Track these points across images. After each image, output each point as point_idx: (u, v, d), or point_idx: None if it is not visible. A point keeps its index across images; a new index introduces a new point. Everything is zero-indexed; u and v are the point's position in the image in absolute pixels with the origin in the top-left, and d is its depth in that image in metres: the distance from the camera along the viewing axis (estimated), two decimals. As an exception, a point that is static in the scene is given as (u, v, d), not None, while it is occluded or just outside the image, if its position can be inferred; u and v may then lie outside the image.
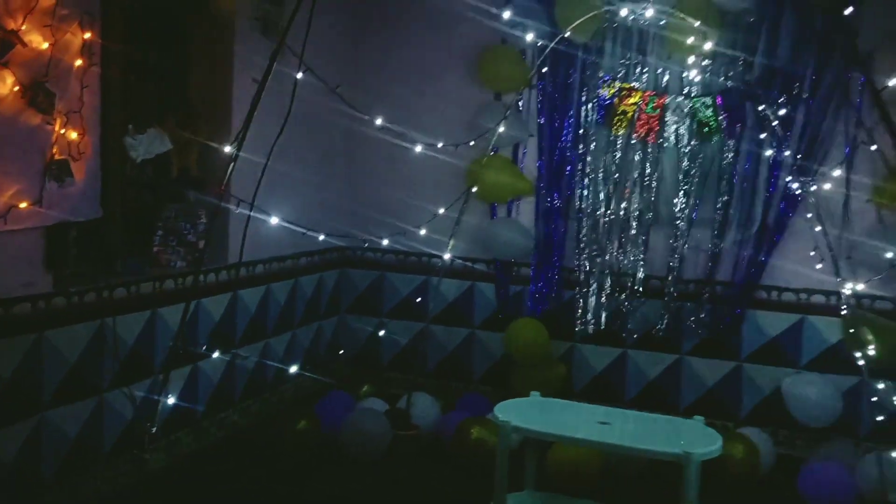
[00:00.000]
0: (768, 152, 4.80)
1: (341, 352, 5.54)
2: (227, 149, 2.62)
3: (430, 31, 5.52)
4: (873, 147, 4.55)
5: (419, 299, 5.48)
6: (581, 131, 5.21)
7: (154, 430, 3.19)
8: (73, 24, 3.38)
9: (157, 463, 4.07)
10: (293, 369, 4.46)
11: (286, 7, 4.83)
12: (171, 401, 3.34)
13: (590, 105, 5.18)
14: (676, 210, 5.05)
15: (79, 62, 3.44)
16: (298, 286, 5.37)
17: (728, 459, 4.34)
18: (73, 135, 3.44)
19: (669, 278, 5.10)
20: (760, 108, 4.67)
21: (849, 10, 4.35)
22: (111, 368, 3.74)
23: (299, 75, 2.78)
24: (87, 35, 3.44)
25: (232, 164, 2.62)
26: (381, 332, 4.98)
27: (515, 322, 5.23)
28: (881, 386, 4.21)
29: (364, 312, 5.85)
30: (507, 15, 4.59)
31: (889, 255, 4.44)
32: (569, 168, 5.26)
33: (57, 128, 3.36)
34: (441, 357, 5.66)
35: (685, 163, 5.04)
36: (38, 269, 3.39)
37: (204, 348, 4.10)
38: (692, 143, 4.99)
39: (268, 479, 4.29)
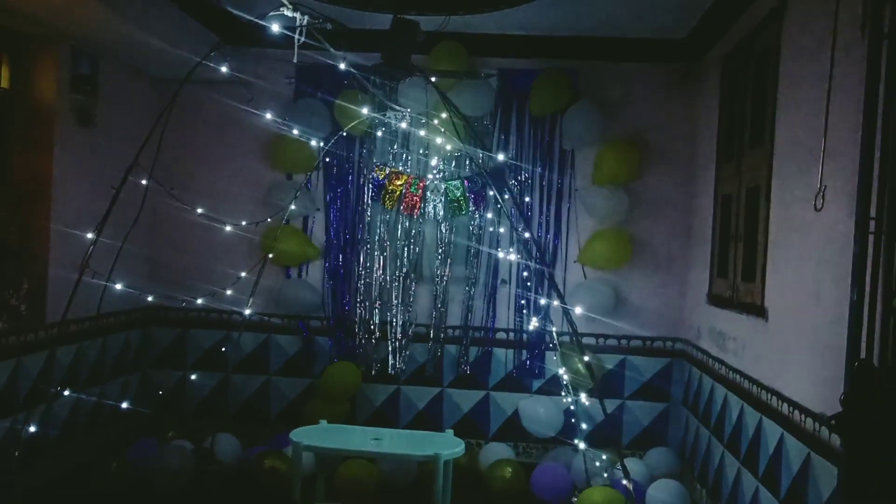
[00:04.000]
0: (502, 228, 6.17)
1: (160, 392, 6.11)
2: (90, 235, 3.32)
3: (227, 120, 6.32)
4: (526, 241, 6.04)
5: (224, 349, 6.19)
6: (359, 206, 6.33)
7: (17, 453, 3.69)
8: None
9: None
10: (125, 405, 5.00)
11: (100, 98, 5.55)
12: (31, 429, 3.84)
13: (365, 185, 6.31)
14: (436, 270, 6.27)
15: None
16: (107, 343, 5.91)
17: (496, 479, 5.51)
18: None
19: (432, 325, 6.28)
20: (492, 192, 6.03)
21: (501, 158, 5.88)
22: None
23: (144, 181, 3.55)
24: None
25: (91, 247, 3.33)
26: (193, 377, 5.67)
27: (334, 364, 6.15)
28: (586, 402, 5.57)
29: (168, 366, 6.47)
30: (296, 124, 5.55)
31: (555, 302, 5.89)
32: (350, 236, 6.34)
33: None
34: (241, 402, 6.42)
35: (442, 232, 6.30)
36: None
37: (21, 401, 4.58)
38: (446, 216, 6.25)
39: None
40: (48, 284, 5.06)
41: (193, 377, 5.61)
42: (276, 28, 3.24)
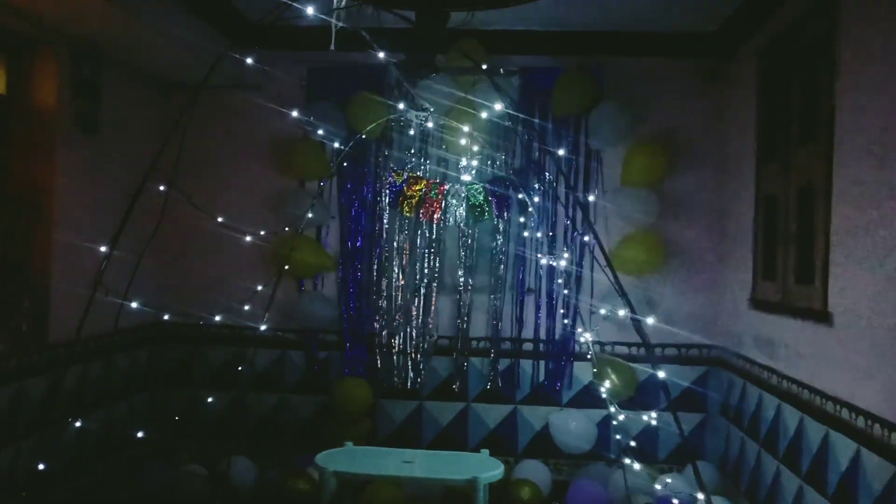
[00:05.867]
0: (527, 233, 5.87)
1: (176, 417, 5.80)
2: (103, 248, 3.03)
3: (238, 125, 6.06)
4: (586, 238, 5.77)
5: (240, 367, 5.86)
6: (376, 213, 6.01)
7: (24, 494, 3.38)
8: None
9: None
10: (139, 434, 4.71)
11: (103, 104, 5.24)
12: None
13: (382, 190, 6.00)
14: (458, 279, 5.97)
15: None
16: (114, 363, 5.57)
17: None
18: None
19: (456, 337, 5.97)
20: (520, 195, 5.74)
21: (561, 151, 5.65)
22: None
23: (162, 188, 3.26)
24: None
25: (105, 261, 3.03)
26: (210, 399, 5.34)
27: (342, 381, 5.80)
28: (621, 415, 5.28)
29: (178, 385, 6.13)
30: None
31: (621, 312, 5.60)
32: (366, 245, 6.02)
33: None
34: (255, 421, 6.08)
35: (464, 238, 5.99)
36: None
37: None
38: (469, 222, 5.95)
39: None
40: (51, 301, 4.73)
41: (210, 400, 5.28)
42: (310, 11, 2.96)
